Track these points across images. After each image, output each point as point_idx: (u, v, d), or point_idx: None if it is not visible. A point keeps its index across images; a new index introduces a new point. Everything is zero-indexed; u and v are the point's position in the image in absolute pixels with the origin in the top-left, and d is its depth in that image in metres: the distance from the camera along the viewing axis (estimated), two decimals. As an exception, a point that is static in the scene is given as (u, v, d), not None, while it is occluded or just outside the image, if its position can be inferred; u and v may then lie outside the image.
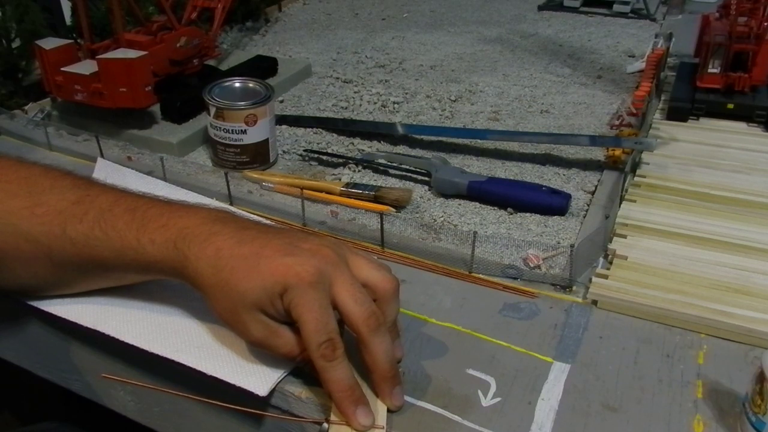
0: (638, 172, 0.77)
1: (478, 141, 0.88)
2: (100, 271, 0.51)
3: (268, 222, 0.63)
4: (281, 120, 0.91)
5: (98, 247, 0.49)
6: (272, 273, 0.45)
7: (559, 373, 0.51)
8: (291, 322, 0.46)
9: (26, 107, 0.93)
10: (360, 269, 0.48)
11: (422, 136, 0.89)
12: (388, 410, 0.47)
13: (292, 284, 0.44)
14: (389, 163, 0.82)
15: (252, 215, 0.69)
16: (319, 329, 0.44)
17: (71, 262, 0.51)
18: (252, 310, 0.45)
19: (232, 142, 0.79)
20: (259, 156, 0.80)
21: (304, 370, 0.49)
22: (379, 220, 0.66)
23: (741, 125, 0.87)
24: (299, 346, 0.46)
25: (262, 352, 0.49)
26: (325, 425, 0.46)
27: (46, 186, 0.52)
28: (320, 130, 0.90)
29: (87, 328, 0.52)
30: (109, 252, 0.49)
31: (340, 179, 0.79)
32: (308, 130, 0.91)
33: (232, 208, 0.68)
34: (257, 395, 0.46)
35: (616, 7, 1.38)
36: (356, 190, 0.74)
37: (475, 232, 0.61)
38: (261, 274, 0.45)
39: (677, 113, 0.89)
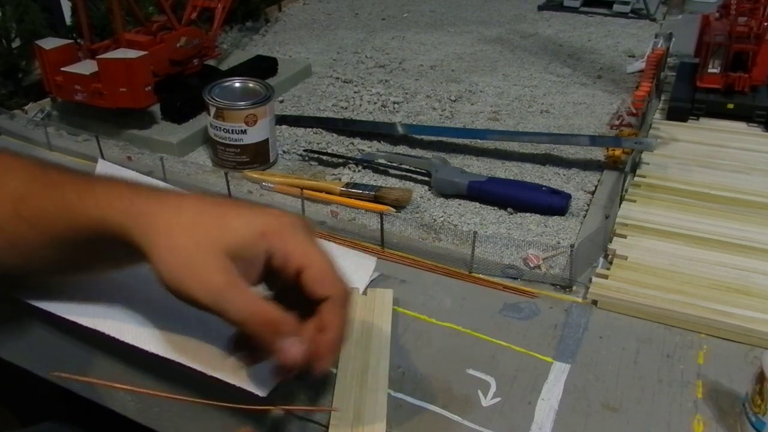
0: (638, 172, 0.77)
1: (478, 141, 0.88)
2: (59, 249, 0.48)
3: None
4: (281, 120, 0.91)
5: (49, 220, 0.46)
6: (256, 220, 0.42)
7: (559, 373, 0.51)
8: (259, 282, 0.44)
9: (26, 107, 0.93)
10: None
11: (422, 136, 0.89)
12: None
13: (284, 227, 0.42)
14: (389, 163, 0.82)
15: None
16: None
17: (29, 243, 0.48)
18: (223, 256, 0.41)
19: (232, 142, 0.79)
20: (259, 156, 0.80)
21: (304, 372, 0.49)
22: (379, 220, 0.66)
23: (741, 125, 0.87)
24: (253, 306, 0.41)
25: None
26: (336, 410, 0.46)
27: (12, 169, 0.50)
28: (320, 130, 0.90)
29: (87, 328, 0.52)
30: (59, 223, 0.46)
31: (340, 179, 0.79)
32: (308, 130, 0.91)
33: None
34: (257, 396, 0.46)
35: (616, 7, 1.38)
36: (356, 190, 0.74)
37: (475, 232, 0.61)
38: (244, 221, 0.42)
39: (677, 113, 0.89)
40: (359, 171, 0.81)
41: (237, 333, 0.45)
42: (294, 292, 0.43)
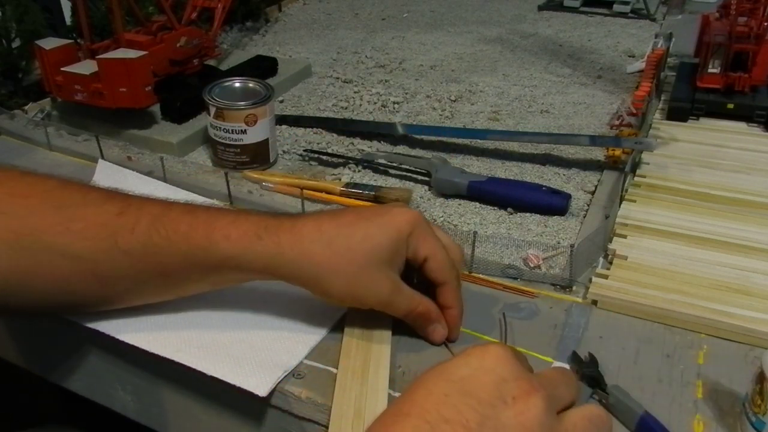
0: (638, 172, 0.77)
1: (478, 141, 0.88)
2: (158, 280, 0.49)
3: None
4: (281, 120, 0.91)
5: (158, 254, 0.47)
6: (394, 222, 0.48)
7: (559, 373, 0.51)
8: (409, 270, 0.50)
9: (26, 107, 0.93)
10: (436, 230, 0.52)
11: (422, 136, 0.89)
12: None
13: (416, 224, 0.48)
14: (389, 163, 0.82)
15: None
16: (456, 248, 0.52)
17: (124, 276, 0.48)
18: (383, 265, 0.47)
19: (232, 142, 0.79)
20: (259, 156, 0.80)
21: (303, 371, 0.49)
22: (379, 220, 0.66)
23: (741, 125, 0.87)
24: (413, 302, 0.50)
25: (262, 352, 0.49)
26: None
27: (76, 200, 0.49)
28: (320, 130, 0.91)
29: (87, 327, 0.52)
30: (172, 257, 0.47)
31: (340, 179, 0.79)
32: (308, 130, 0.91)
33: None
34: (257, 395, 0.46)
35: (616, 7, 1.38)
36: (356, 190, 0.74)
37: (475, 232, 0.61)
38: (384, 226, 0.47)
39: (677, 113, 0.89)
40: (359, 171, 0.81)
41: None
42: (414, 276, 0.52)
